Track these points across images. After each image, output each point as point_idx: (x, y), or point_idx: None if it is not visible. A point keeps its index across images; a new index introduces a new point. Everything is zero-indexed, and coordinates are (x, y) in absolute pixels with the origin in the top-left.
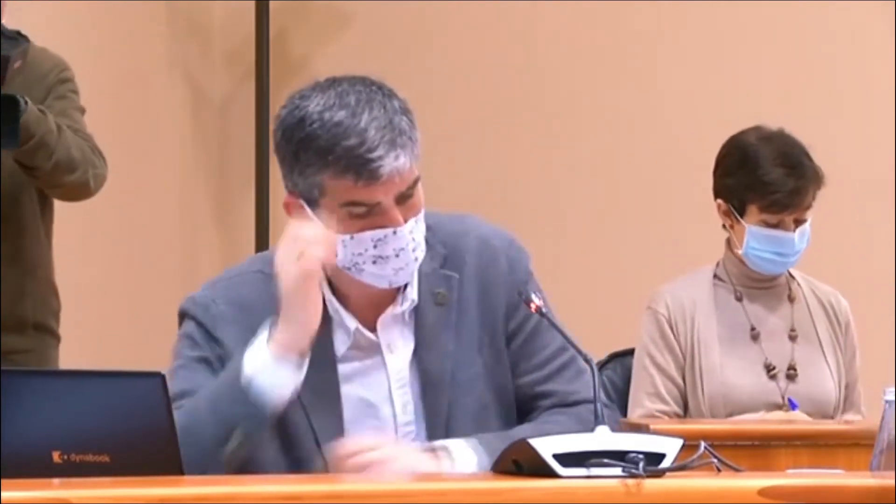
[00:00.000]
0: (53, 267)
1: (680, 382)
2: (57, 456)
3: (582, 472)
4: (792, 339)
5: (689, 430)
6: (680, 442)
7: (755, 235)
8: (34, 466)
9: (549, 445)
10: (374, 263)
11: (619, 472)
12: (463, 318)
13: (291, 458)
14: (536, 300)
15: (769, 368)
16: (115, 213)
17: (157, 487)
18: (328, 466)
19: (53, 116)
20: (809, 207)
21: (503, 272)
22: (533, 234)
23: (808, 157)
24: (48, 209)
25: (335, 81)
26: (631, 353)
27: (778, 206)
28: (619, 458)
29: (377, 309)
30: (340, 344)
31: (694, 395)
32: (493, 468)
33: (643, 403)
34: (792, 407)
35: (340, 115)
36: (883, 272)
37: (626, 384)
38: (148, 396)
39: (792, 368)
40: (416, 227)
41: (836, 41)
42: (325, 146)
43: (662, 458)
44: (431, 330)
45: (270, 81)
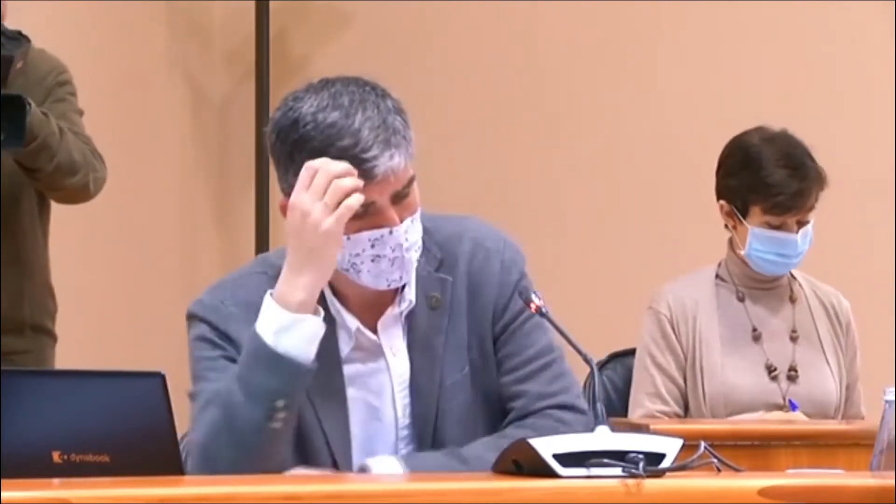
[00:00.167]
0: (49, 267)
1: (681, 383)
2: (57, 456)
3: (582, 472)
4: (793, 339)
5: (689, 430)
6: (680, 442)
7: (758, 237)
8: (34, 466)
9: (549, 445)
10: (371, 262)
11: (619, 472)
12: (453, 321)
13: (301, 456)
14: (536, 300)
15: (770, 369)
16: (115, 213)
17: (157, 487)
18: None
19: (53, 118)
20: (812, 209)
21: (494, 273)
22: (533, 234)
23: (810, 158)
24: (46, 210)
25: (328, 82)
26: (631, 353)
27: (781, 207)
28: (619, 458)
29: (376, 310)
30: (344, 345)
31: (695, 395)
32: (493, 468)
33: (643, 404)
34: (792, 408)
35: (334, 115)
36: (883, 272)
37: (626, 384)
38: (148, 396)
39: (793, 369)
40: (412, 226)
41: (836, 41)
42: (319, 147)
43: (662, 458)
44: (424, 334)
45: (270, 81)
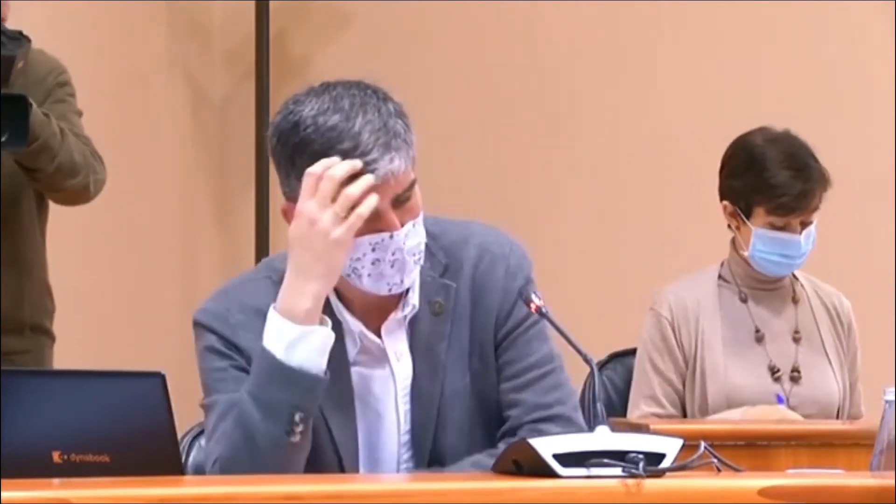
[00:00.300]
0: (47, 267)
1: (678, 386)
2: (57, 456)
3: (582, 472)
4: (796, 340)
5: (689, 430)
6: (680, 442)
7: (761, 238)
8: (34, 466)
9: (549, 445)
10: (372, 266)
11: (619, 472)
12: (456, 327)
13: (308, 460)
14: (536, 300)
15: (773, 370)
16: (115, 213)
17: (157, 487)
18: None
19: (54, 118)
20: (816, 210)
21: (499, 279)
22: (533, 234)
23: (814, 158)
24: (44, 210)
25: (330, 86)
26: (631, 353)
27: (785, 208)
28: (619, 458)
29: (380, 314)
30: (350, 349)
31: (697, 395)
32: (493, 468)
33: (639, 405)
34: (779, 401)
35: (334, 119)
36: (883, 272)
37: (626, 384)
38: (148, 396)
39: (795, 370)
40: (413, 230)
41: (836, 41)
42: (319, 150)
43: (662, 458)
44: (426, 340)
45: (270, 81)
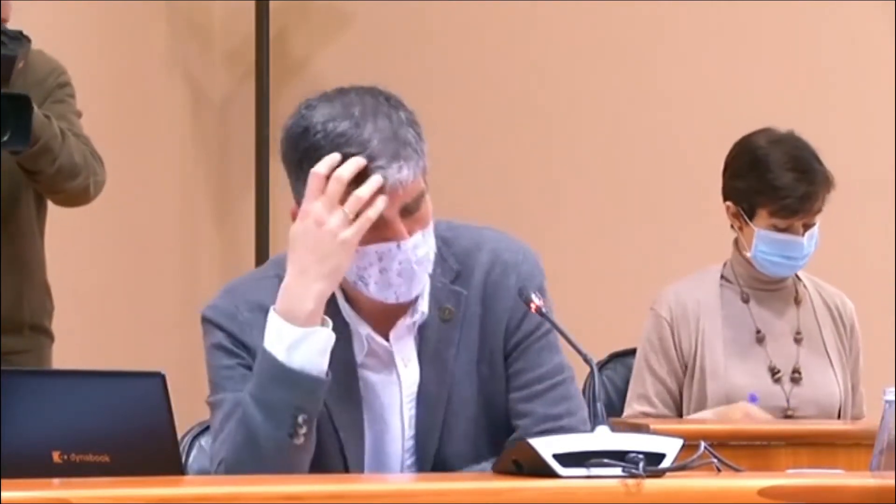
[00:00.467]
0: (46, 267)
1: (672, 387)
2: (57, 456)
3: (582, 472)
4: (797, 342)
5: (689, 430)
6: (680, 442)
7: (764, 239)
8: (34, 466)
9: (549, 445)
10: (379, 274)
11: (619, 472)
12: (466, 334)
13: (313, 462)
14: (536, 300)
15: (773, 371)
16: (115, 213)
17: (157, 487)
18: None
19: (55, 120)
20: (819, 211)
21: (510, 287)
22: (533, 234)
23: (818, 160)
24: (43, 209)
25: (343, 91)
26: (631, 353)
27: (788, 210)
28: (619, 458)
29: (389, 318)
30: (357, 351)
31: (697, 395)
32: (493, 468)
33: (632, 404)
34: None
35: (344, 125)
36: (883, 272)
37: (626, 384)
38: (148, 396)
39: (796, 372)
40: (422, 240)
41: (836, 41)
42: (327, 156)
43: (662, 458)
44: (435, 347)
45: (270, 81)
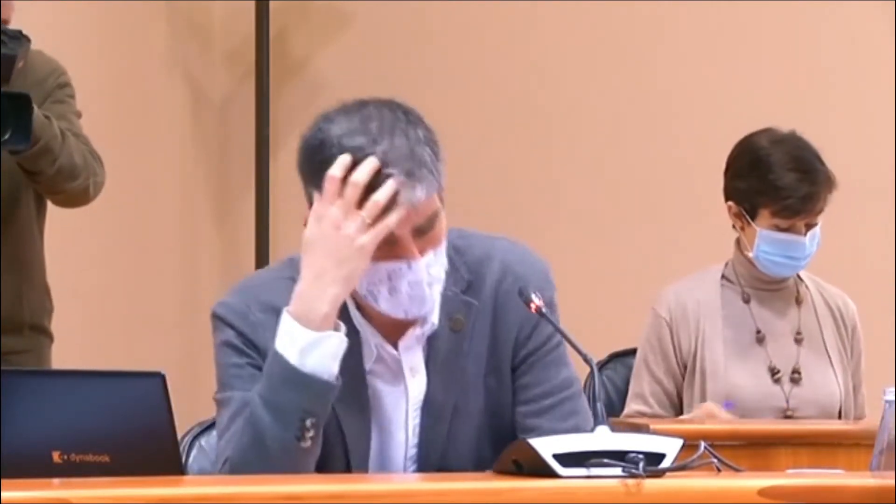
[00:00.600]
0: (45, 267)
1: (668, 387)
2: (57, 456)
3: (582, 472)
4: (798, 342)
5: (689, 430)
6: (680, 442)
7: (766, 239)
8: (34, 466)
9: (549, 445)
10: (388, 293)
11: (619, 472)
12: (475, 345)
13: (318, 465)
14: (536, 300)
15: (773, 372)
16: (115, 213)
17: (157, 487)
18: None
19: (55, 121)
20: (821, 212)
21: (520, 301)
22: (533, 234)
23: (820, 161)
24: (43, 209)
25: (362, 104)
26: (631, 353)
27: (790, 210)
28: (619, 458)
29: (398, 327)
30: (367, 358)
31: (697, 395)
32: (493, 468)
33: (629, 403)
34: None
35: (360, 140)
36: (883, 272)
37: (626, 384)
38: (148, 396)
39: (797, 372)
40: (434, 259)
41: (836, 41)
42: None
43: (662, 458)
44: (444, 357)
45: (270, 81)
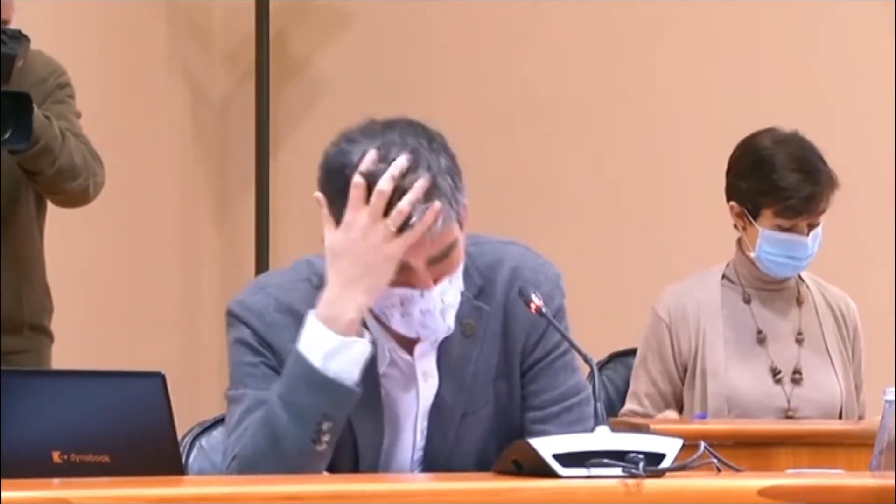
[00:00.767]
0: (45, 266)
1: (664, 388)
2: (57, 456)
3: (582, 472)
4: (799, 342)
5: (689, 430)
6: (680, 442)
7: (768, 239)
8: (34, 466)
9: (549, 445)
10: (401, 317)
11: (619, 472)
12: (485, 351)
13: (328, 466)
14: (536, 300)
15: (774, 372)
16: (115, 213)
17: (157, 487)
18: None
19: (55, 121)
20: (823, 212)
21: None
22: (533, 233)
23: (822, 161)
24: (43, 209)
25: (387, 127)
26: (631, 353)
27: (792, 211)
28: (619, 458)
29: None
30: (381, 362)
31: (698, 395)
32: (493, 468)
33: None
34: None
35: (381, 167)
36: (883, 272)
37: (626, 384)
38: (148, 396)
39: (797, 372)
40: (449, 286)
41: (836, 41)
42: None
43: (662, 458)
44: (455, 362)
45: (270, 81)
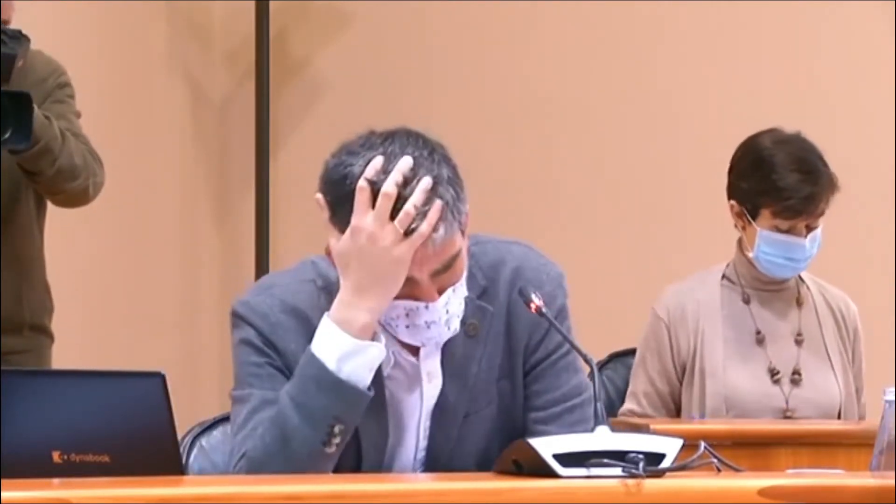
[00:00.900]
0: (46, 266)
1: (662, 388)
2: (57, 456)
3: (582, 472)
4: (798, 343)
5: (689, 430)
6: (680, 442)
7: (766, 239)
8: (34, 466)
9: (549, 445)
10: (406, 328)
11: (619, 472)
12: (488, 351)
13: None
14: (536, 300)
15: (773, 372)
16: (115, 213)
17: (157, 487)
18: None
19: (55, 121)
20: (822, 214)
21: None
22: (533, 233)
23: (823, 162)
24: (43, 208)
25: (389, 138)
26: (631, 353)
27: (791, 211)
28: (619, 458)
29: None
30: (385, 364)
31: (696, 395)
32: (493, 468)
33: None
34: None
35: (382, 178)
36: (883, 273)
37: (626, 384)
38: (148, 396)
39: (797, 373)
40: (453, 295)
41: (836, 41)
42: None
43: (662, 458)
44: (458, 362)
45: (270, 81)
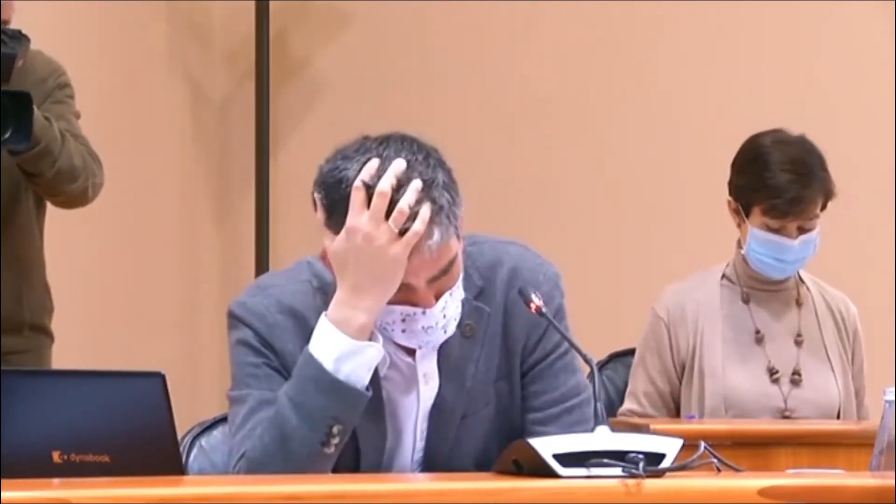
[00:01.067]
0: (46, 266)
1: (662, 387)
2: (57, 456)
3: (582, 472)
4: (797, 343)
5: (689, 430)
6: (680, 442)
7: (756, 237)
8: (34, 466)
9: (549, 445)
10: (402, 332)
11: (619, 472)
12: (485, 352)
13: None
14: (536, 300)
15: (772, 372)
16: (115, 212)
17: (157, 487)
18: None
19: (55, 123)
20: (815, 218)
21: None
22: (533, 233)
23: (821, 167)
24: (43, 209)
25: (383, 143)
26: (631, 353)
27: (777, 211)
28: (619, 458)
29: None
30: (381, 365)
31: (696, 395)
32: (493, 468)
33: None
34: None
35: (377, 182)
36: (883, 273)
37: (626, 384)
38: (148, 396)
39: (796, 373)
40: (450, 299)
41: (836, 41)
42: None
43: (662, 458)
44: (455, 363)
45: (270, 81)
